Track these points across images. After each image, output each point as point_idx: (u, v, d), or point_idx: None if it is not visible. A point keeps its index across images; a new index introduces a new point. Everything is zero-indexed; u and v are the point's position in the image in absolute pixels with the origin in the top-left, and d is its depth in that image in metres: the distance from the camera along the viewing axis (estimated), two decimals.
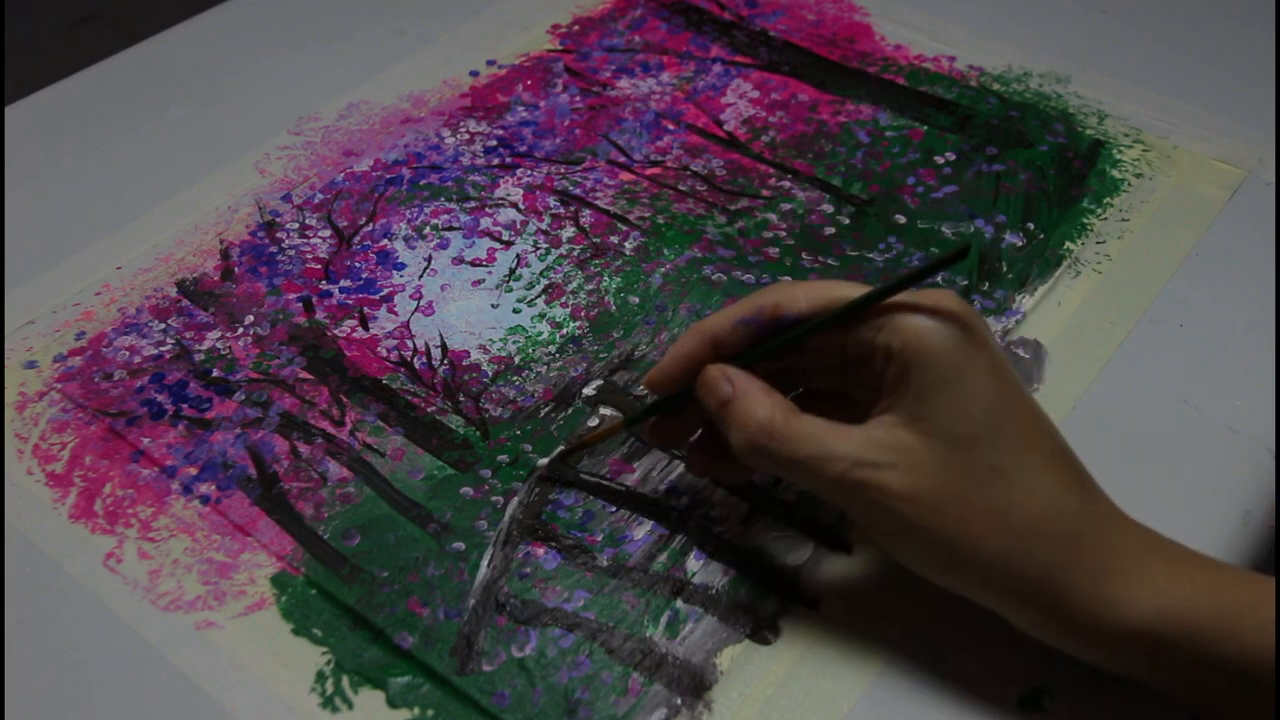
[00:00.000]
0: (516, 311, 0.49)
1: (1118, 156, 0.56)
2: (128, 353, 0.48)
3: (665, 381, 0.38)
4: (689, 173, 0.56)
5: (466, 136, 0.58)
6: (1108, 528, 0.34)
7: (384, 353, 0.48)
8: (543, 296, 0.50)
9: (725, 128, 0.58)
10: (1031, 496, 0.33)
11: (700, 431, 0.40)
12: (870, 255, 0.51)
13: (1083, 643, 0.34)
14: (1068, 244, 0.51)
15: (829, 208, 0.54)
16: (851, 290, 0.36)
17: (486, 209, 0.54)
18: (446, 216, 0.54)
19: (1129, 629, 0.32)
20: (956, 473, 0.33)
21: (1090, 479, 0.35)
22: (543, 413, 0.45)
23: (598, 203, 0.54)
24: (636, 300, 0.49)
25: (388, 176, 0.56)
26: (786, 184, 0.55)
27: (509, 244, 0.52)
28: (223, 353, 0.48)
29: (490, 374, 0.47)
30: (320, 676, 0.37)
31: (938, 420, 0.33)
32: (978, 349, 0.34)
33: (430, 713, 0.36)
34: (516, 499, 0.42)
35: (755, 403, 0.35)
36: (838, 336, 0.36)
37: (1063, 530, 0.33)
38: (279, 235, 0.53)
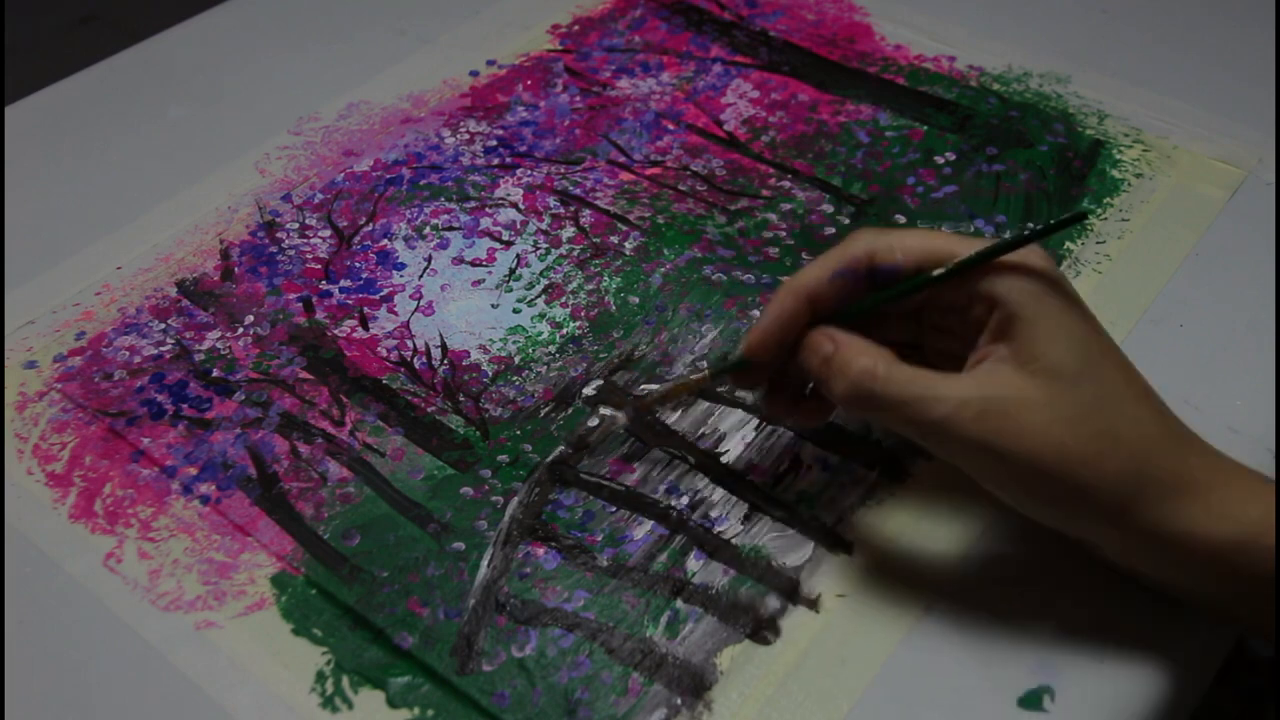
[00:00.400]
0: (516, 311, 0.49)
1: (1118, 156, 0.56)
2: (128, 353, 0.48)
3: (768, 345, 0.38)
4: (689, 173, 0.56)
5: (466, 136, 0.58)
6: (1201, 451, 0.36)
7: (384, 353, 0.48)
8: (543, 296, 0.50)
9: (725, 128, 0.58)
10: (1136, 424, 0.35)
11: (775, 379, 0.40)
12: None
13: (1173, 561, 0.35)
14: (1068, 244, 0.51)
15: (829, 208, 0.54)
16: (946, 242, 0.37)
17: (486, 209, 0.54)
18: (446, 216, 0.54)
19: (1229, 541, 0.34)
20: (1071, 404, 0.34)
21: (1174, 414, 0.37)
22: (543, 413, 0.45)
23: (598, 203, 0.54)
24: (636, 300, 0.49)
25: (388, 176, 0.56)
26: (786, 184, 0.55)
27: (509, 244, 0.52)
28: (223, 353, 0.48)
29: (490, 374, 0.47)
30: (320, 676, 0.37)
31: (1047, 358, 0.35)
32: (1072, 298, 0.36)
33: (430, 713, 0.36)
34: (516, 499, 0.42)
35: (859, 351, 0.36)
36: (930, 288, 0.37)
37: (1172, 451, 0.35)
38: (279, 235, 0.53)
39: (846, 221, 0.53)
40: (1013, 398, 0.34)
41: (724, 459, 0.43)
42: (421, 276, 0.51)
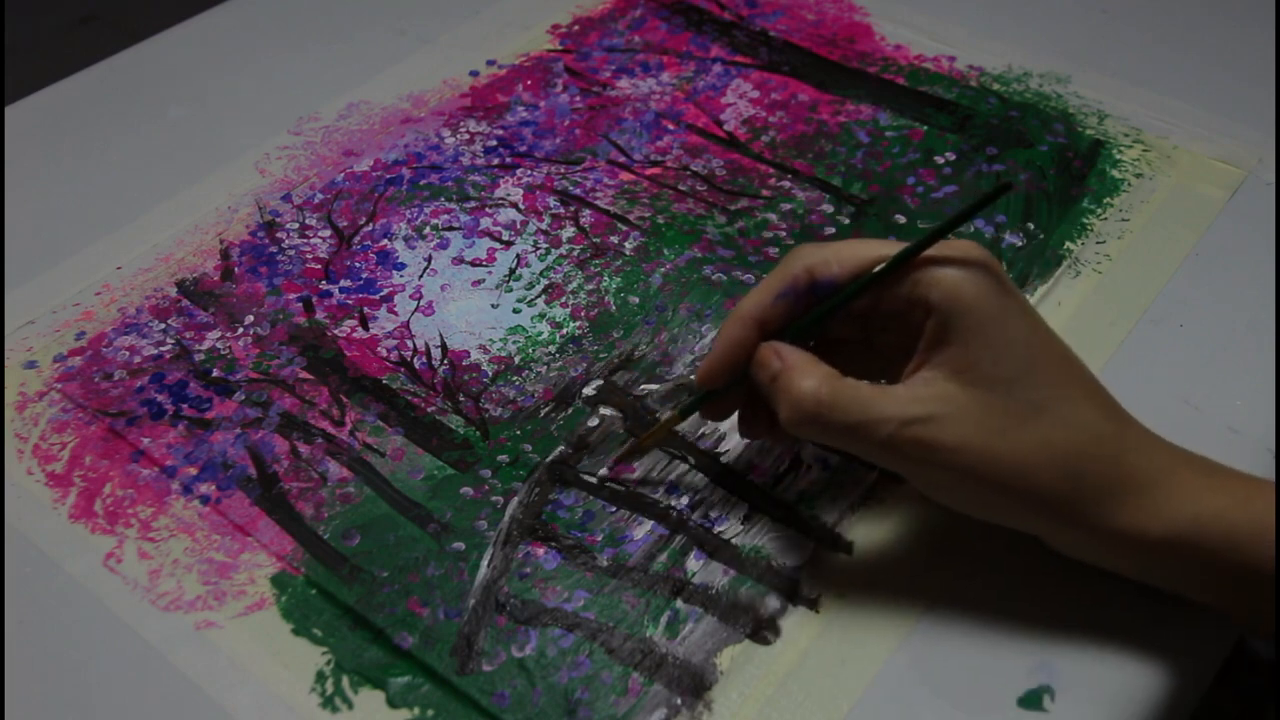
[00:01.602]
0: (516, 311, 0.49)
1: (1118, 156, 0.56)
2: (128, 353, 0.48)
3: (719, 373, 0.39)
4: (689, 173, 0.56)
5: (466, 136, 0.58)
6: (1144, 447, 0.36)
7: (384, 353, 0.48)
8: (543, 296, 0.50)
9: (725, 128, 0.58)
10: (1075, 427, 0.35)
11: (748, 400, 0.40)
12: None
13: (1126, 556, 0.36)
14: (1068, 244, 0.51)
15: (829, 208, 0.54)
16: (878, 248, 0.37)
17: (486, 209, 0.54)
18: (446, 216, 0.54)
19: (1170, 537, 0.35)
20: (1003, 414, 0.35)
21: (1120, 406, 0.37)
22: (543, 413, 0.45)
23: (598, 203, 0.54)
24: (636, 300, 0.49)
25: (388, 176, 0.56)
26: (786, 184, 0.55)
27: (509, 244, 0.52)
28: (223, 353, 0.48)
29: (490, 374, 0.47)
30: (320, 676, 0.37)
31: (981, 366, 0.35)
32: (1008, 294, 0.36)
33: (430, 713, 0.36)
34: (516, 499, 0.42)
35: (803, 374, 0.36)
36: (871, 294, 0.37)
37: (1106, 454, 0.35)
38: (279, 235, 0.53)
39: (846, 221, 0.53)
40: (948, 413, 0.35)
41: (724, 459, 0.43)
42: (421, 276, 0.51)
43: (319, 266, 0.51)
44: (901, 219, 0.53)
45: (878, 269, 0.37)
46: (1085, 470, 0.35)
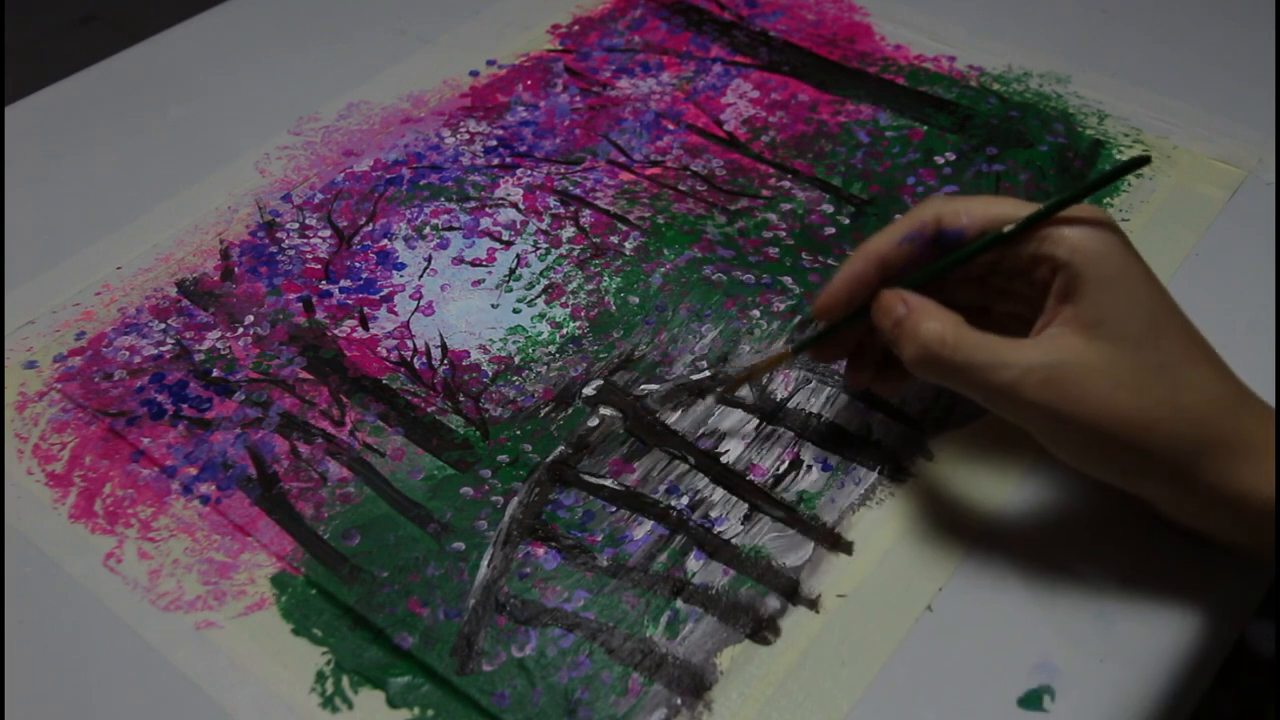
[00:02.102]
0: (516, 311, 0.49)
1: (1118, 156, 0.56)
2: (128, 353, 0.48)
3: (835, 306, 0.40)
4: (689, 173, 0.56)
5: (466, 136, 0.58)
6: (1263, 414, 0.37)
7: (384, 353, 0.48)
8: (543, 296, 0.50)
9: (725, 128, 0.58)
10: (1199, 389, 0.36)
11: (858, 346, 0.42)
12: None
13: (1240, 519, 0.36)
14: None
15: (829, 208, 0.54)
16: (1010, 207, 0.38)
17: (486, 209, 0.54)
18: (446, 216, 0.54)
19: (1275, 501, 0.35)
20: (1131, 371, 0.35)
21: (1235, 374, 0.37)
22: (543, 413, 0.45)
23: (598, 203, 0.54)
24: (636, 300, 0.49)
25: (388, 176, 0.56)
26: (786, 184, 0.55)
27: (509, 244, 0.52)
28: (223, 353, 0.48)
29: (490, 374, 0.47)
30: (320, 676, 0.37)
31: (1109, 323, 0.35)
32: (1135, 257, 0.37)
33: (430, 713, 0.36)
34: (516, 499, 0.42)
35: (929, 316, 0.37)
36: (996, 252, 0.38)
37: (1226, 417, 0.36)
38: (279, 235, 0.53)
39: (846, 221, 0.53)
40: (1076, 364, 0.35)
41: (724, 459, 0.43)
42: (421, 276, 0.51)
43: (319, 266, 0.51)
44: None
45: (1008, 229, 0.37)
46: (1207, 432, 0.35)
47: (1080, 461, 0.37)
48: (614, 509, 0.42)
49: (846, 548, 0.40)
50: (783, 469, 0.43)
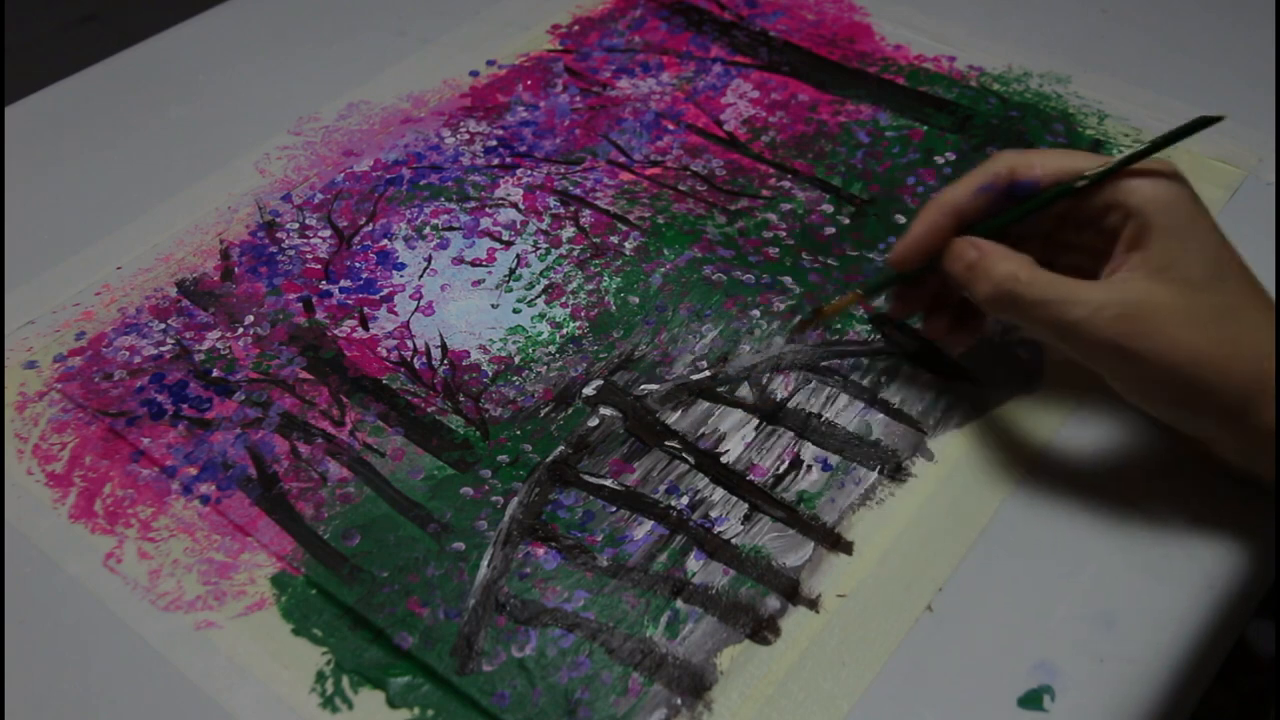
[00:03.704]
0: (516, 311, 0.49)
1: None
2: (128, 353, 0.48)
3: (911, 255, 0.41)
4: (689, 173, 0.56)
5: (466, 136, 0.58)
6: None
7: (384, 353, 0.48)
8: (543, 296, 0.50)
9: (725, 128, 0.58)
10: (1263, 331, 0.37)
11: (933, 299, 0.43)
12: (870, 255, 0.51)
13: None
14: None
15: (829, 208, 0.54)
16: (1081, 159, 0.39)
17: (486, 209, 0.54)
18: (446, 216, 0.54)
19: None
20: (1197, 311, 0.37)
21: None
22: (543, 413, 0.45)
23: (598, 203, 0.54)
24: (636, 300, 0.49)
25: (388, 176, 0.56)
26: (786, 184, 0.55)
27: (509, 244, 0.52)
28: (223, 353, 0.48)
29: (490, 374, 0.47)
30: (320, 676, 0.37)
31: (1178, 267, 0.37)
32: (1201, 207, 0.38)
33: (430, 713, 0.36)
34: (516, 499, 0.42)
35: (1002, 257, 0.39)
36: (1067, 203, 0.39)
37: None
38: (279, 235, 0.53)
39: (846, 221, 0.53)
40: (1146, 302, 0.37)
41: (724, 459, 0.43)
42: (421, 276, 0.51)
43: (319, 266, 0.51)
44: (902, 219, 0.53)
45: (1081, 181, 0.39)
46: (1271, 372, 0.36)
47: (1145, 399, 0.38)
48: (614, 509, 0.42)
49: (846, 548, 0.40)
50: (783, 469, 0.43)
